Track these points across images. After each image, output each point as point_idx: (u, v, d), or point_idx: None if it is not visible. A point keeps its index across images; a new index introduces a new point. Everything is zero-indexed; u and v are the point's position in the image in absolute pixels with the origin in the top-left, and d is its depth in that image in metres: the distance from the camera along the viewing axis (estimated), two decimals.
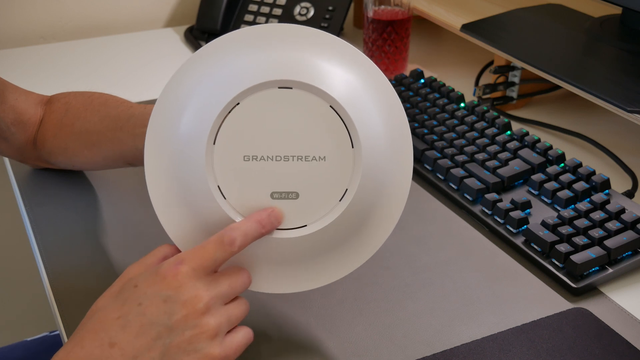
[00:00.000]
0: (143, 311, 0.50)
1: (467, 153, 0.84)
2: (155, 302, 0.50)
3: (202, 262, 0.51)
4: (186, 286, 0.50)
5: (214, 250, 0.52)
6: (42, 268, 0.72)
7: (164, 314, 0.50)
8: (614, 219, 0.72)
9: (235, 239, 0.52)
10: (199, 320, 0.50)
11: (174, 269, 0.51)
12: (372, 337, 0.63)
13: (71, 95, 0.80)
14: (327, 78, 0.54)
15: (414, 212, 0.80)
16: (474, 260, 0.73)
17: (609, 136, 0.94)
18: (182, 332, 0.50)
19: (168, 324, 0.50)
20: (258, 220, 0.53)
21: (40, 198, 0.83)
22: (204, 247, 0.52)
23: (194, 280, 0.51)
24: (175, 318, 0.50)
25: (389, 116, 0.57)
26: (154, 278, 0.51)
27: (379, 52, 1.09)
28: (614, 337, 0.62)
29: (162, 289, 0.50)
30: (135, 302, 0.50)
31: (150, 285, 0.51)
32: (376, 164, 0.56)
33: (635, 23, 0.96)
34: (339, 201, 0.55)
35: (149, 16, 1.36)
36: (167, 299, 0.50)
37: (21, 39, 1.28)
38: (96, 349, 0.49)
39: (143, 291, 0.51)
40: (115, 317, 0.50)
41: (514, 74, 1.02)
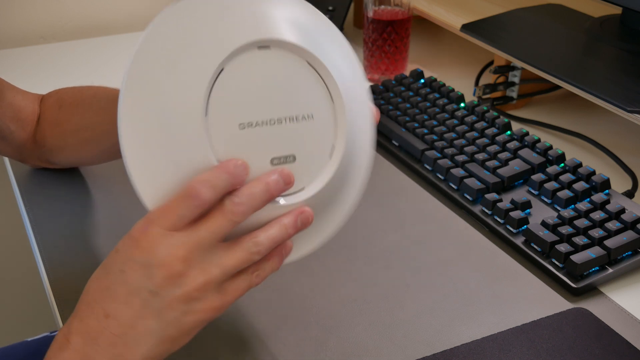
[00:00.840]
0: (125, 279, 0.48)
1: (467, 153, 0.84)
2: (134, 267, 0.48)
3: (170, 219, 0.48)
4: (158, 247, 0.48)
5: (179, 204, 0.48)
6: (42, 268, 0.72)
7: (145, 279, 0.48)
8: (614, 219, 0.72)
9: (200, 190, 0.47)
10: (184, 278, 0.48)
11: (144, 232, 0.48)
12: (372, 337, 0.63)
13: (62, 91, 0.80)
14: (300, 34, 0.52)
15: (414, 212, 0.80)
16: (474, 260, 0.73)
17: (609, 136, 0.94)
18: (170, 293, 0.48)
19: (151, 288, 0.48)
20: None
21: (40, 198, 0.83)
22: (170, 203, 0.48)
23: (166, 239, 0.48)
24: (156, 281, 0.47)
25: (353, 65, 0.57)
26: (129, 241, 0.49)
27: (379, 52, 1.09)
28: (614, 337, 0.62)
29: (137, 255, 0.48)
30: (117, 270, 0.49)
31: (127, 250, 0.48)
32: (354, 116, 0.54)
33: (635, 23, 0.96)
34: (330, 159, 0.53)
35: (149, 16, 1.36)
36: (144, 263, 0.48)
37: (21, 39, 1.28)
38: (93, 321, 0.49)
39: (122, 257, 0.49)
40: (104, 286, 0.49)
41: (514, 74, 1.02)
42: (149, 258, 0.48)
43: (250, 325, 0.65)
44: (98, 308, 0.49)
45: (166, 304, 0.48)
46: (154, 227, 0.48)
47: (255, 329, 0.64)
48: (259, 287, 0.69)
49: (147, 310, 0.48)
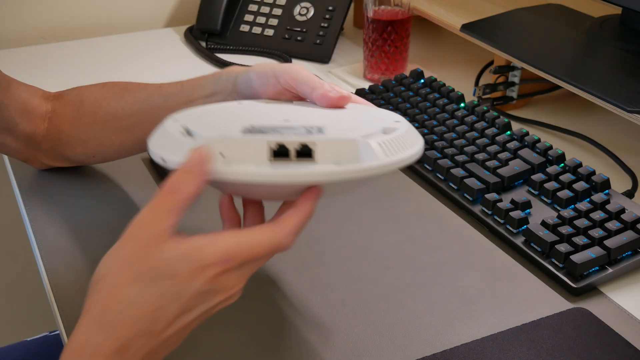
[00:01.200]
0: (182, 303, 0.49)
1: (467, 153, 0.84)
2: (195, 294, 0.49)
3: (248, 260, 0.50)
4: (228, 279, 0.50)
5: (266, 253, 0.51)
6: (42, 268, 0.72)
7: (203, 301, 0.50)
8: (614, 219, 0.72)
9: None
10: (232, 298, 0.52)
11: (221, 266, 0.49)
12: (372, 337, 0.63)
13: (82, 88, 0.81)
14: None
15: (414, 212, 0.80)
16: (474, 260, 0.73)
17: (609, 136, 0.94)
18: (215, 307, 0.51)
19: (205, 309, 0.50)
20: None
21: (40, 198, 0.83)
22: (254, 248, 0.50)
23: (236, 271, 0.50)
24: (213, 303, 0.50)
25: None
26: (198, 272, 0.48)
27: (379, 52, 1.09)
28: (614, 337, 0.62)
29: (204, 284, 0.49)
30: (173, 295, 0.48)
31: (192, 279, 0.48)
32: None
33: (635, 23, 0.96)
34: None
35: (149, 16, 1.36)
36: (209, 290, 0.49)
37: (21, 39, 1.28)
38: (131, 340, 0.48)
39: (183, 285, 0.48)
40: (151, 310, 0.48)
41: (514, 74, 1.02)
42: (215, 287, 0.50)
43: (250, 325, 0.65)
44: (142, 327, 0.48)
45: (208, 314, 0.51)
46: (231, 263, 0.49)
47: (255, 329, 0.64)
48: (259, 287, 0.69)
49: (192, 324, 0.51)
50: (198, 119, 0.59)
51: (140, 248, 0.49)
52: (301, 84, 0.65)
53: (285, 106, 0.65)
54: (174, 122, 0.58)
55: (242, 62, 1.17)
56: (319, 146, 0.52)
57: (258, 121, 0.58)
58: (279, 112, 0.62)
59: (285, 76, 0.65)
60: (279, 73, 0.66)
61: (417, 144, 0.57)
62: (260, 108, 0.64)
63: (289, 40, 1.21)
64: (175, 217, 0.49)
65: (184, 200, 0.49)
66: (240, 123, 0.57)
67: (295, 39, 1.21)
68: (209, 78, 0.72)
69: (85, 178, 0.86)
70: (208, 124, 0.58)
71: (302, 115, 0.61)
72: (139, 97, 0.75)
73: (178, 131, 0.55)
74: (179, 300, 0.48)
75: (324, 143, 0.52)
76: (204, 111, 0.63)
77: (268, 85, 0.67)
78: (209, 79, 0.72)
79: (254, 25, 1.24)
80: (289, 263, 0.72)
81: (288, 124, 0.58)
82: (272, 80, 0.66)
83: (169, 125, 0.57)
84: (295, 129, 0.56)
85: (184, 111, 0.62)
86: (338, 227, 0.77)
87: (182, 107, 0.70)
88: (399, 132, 0.56)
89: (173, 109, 0.71)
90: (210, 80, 0.72)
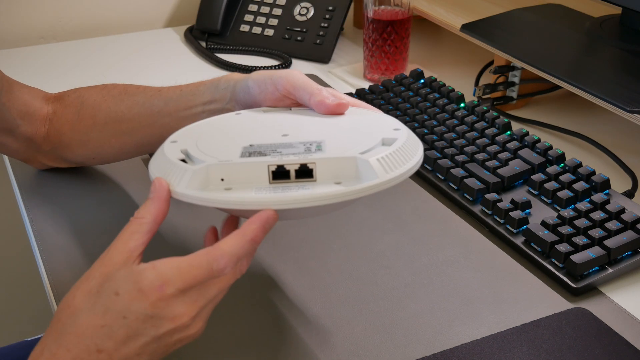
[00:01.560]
0: (129, 324, 0.50)
1: (467, 153, 0.84)
2: (140, 318, 0.50)
3: (186, 285, 0.50)
4: (172, 306, 0.50)
5: (201, 276, 0.50)
6: (42, 268, 0.72)
7: (151, 327, 0.50)
8: (614, 219, 0.72)
9: (224, 268, 0.51)
10: (188, 328, 0.52)
11: (158, 290, 0.50)
12: (372, 337, 0.63)
13: (81, 89, 0.81)
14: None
15: (414, 212, 0.80)
16: (474, 260, 0.73)
17: (609, 136, 0.94)
18: (171, 337, 0.51)
19: (155, 335, 0.50)
20: (252, 239, 0.51)
21: (40, 198, 0.83)
22: (190, 271, 0.50)
23: (181, 297, 0.50)
24: (162, 331, 0.50)
25: None
26: (136, 294, 0.50)
27: (379, 52, 1.09)
28: (614, 337, 0.62)
29: (146, 308, 0.50)
30: (119, 315, 0.50)
31: (132, 301, 0.50)
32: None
33: (635, 23, 0.96)
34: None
35: (149, 16, 1.36)
36: (153, 316, 0.50)
37: (21, 39, 1.28)
38: (83, 353, 0.49)
39: (125, 304, 0.50)
40: (99, 325, 0.50)
41: (514, 74, 1.02)
42: (159, 313, 0.50)
43: (250, 325, 0.65)
44: (90, 343, 0.50)
45: (165, 344, 0.51)
46: (168, 287, 0.50)
47: (256, 329, 0.64)
48: (259, 287, 0.69)
49: (145, 349, 0.51)
50: (197, 140, 0.59)
51: (100, 266, 0.52)
52: (299, 90, 0.64)
53: (283, 117, 0.65)
54: (174, 145, 0.59)
55: (242, 62, 1.17)
56: (318, 165, 0.53)
57: (257, 139, 0.58)
58: (277, 126, 0.62)
59: (282, 82, 0.65)
60: (277, 80, 0.66)
61: (416, 154, 0.57)
62: (258, 121, 0.64)
63: (289, 40, 1.21)
64: (138, 240, 0.52)
65: (147, 224, 0.52)
66: (239, 143, 0.57)
67: (295, 39, 1.21)
68: (207, 85, 0.72)
69: (85, 178, 0.86)
70: (207, 146, 0.58)
71: (301, 129, 0.61)
72: (139, 101, 0.75)
73: (177, 157, 0.56)
74: (124, 320, 0.50)
75: (322, 162, 0.53)
76: (202, 130, 0.63)
77: (267, 92, 0.67)
78: (208, 85, 0.72)
79: (254, 25, 1.24)
80: (289, 263, 0.72)
81: (287, 140, 0.58)
82: (271, 87, 0.66)
83: (168, 149, 0.58)
84: (294, 147, 0.56)
85: (183, 130, 0.63)
86: (338, 227, 0.77)
87: (181, 112, 0.72)
88: (398, 143, 0.56)
89: (172, 114, 0.72)
90: (209, 87, 0.72)
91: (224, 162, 0.54)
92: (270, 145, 0.57)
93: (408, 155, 0.56)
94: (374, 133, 0.58)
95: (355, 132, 0.60)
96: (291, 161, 0.53)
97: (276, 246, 0.74)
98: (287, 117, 0.65)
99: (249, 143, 0.57)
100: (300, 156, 0.54)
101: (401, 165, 0.54)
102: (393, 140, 0.57)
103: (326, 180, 0.53)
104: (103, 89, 0.79)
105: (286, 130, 0.60)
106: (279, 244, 0.75)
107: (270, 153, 0.55)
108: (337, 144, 0.56)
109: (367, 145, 0.55)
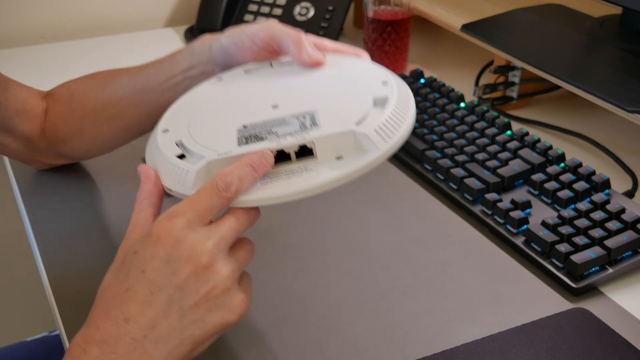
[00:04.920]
0: (148, 277, 0.47)
1: (467, 153, 0.84)
2: (157, 265, 0.47)
3: (196, 212, 0.49)
4: (185, 241, 0.48)
5: (208, 198, 0.49)
6: (42, 268, 0.72)
7: (170, 275, 0.47)
8: (614, 219, 0.72)
9: (230, 184, 0.49)
10: (210, 273, 0.48)
11: (167, 225, 0.48)
12: (372, 337, 0.63)
13: (70, 82, 0.81)
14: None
15: (414, 212, 0.80)
16: (474, 260, 0.73)
17: (609, 136, 0.94)
18: (196, 290, 0.48)
19: (177, 284, 0.47)
20: (250, 164, 0.51)
21: (40, 198, 0.83)
22: (196, 196, 0.49)
23: (192, 232, 0.48)
24: (182, 277, 0.47)
25: None
26: (149, 239, 0.48)
27: (379, 52, 1.09)
28: (614, 337, 0.62)
29: (160, 250, 0.48)
30: (138, 270, 0.48)
31: (147, 248, 0.48)
32: None
33: (635, 23, 0.96)
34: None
35: (149, 16, 1.36)
36: (168, 258, 0.47)
37: (21, 39, 1.28)
38: (112, 327, 0.47)
39: (142, 256, 0.48)
40: (123, 290, 0.48)
41: (514, 74, 1.02)
42: (174, 253, 0.48)
43: (250, 325, 0.65)
44: (117, 313, 0.48)
45: (192, 301, 0.48)
46: (178, 219, 0.48)
47: (255, 329, 0.64)
48: (259, 287, 0.69)
49: (171, 308, 0.47)
50: (189, 126, 0.59)
51: (121, 248, 0.52)
52: (280, 40, 0.64)
53: (268, 81, 0.63)
54: (167, 136, 0.58)
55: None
56: (317, 144, 0.53)
57: (248, 118, 0.58)
58: (265, 95, 0.61)
59: (260, 35, 0.64)
60: (253, 34, 0.65)
61: (409, 110, 0.57)
62: (243, 90, 0.63)
63: None
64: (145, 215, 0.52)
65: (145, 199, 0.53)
66: (232, 125, 0.57)
67: None
68: (183, 52, 0.72)
69: (85, 178, 0.86)
70: (201, 133, 0.58)
71: (290, 97, 0.60)
72: (122, 82, 0.75)
73: (174, 153, 0.56)
74: (143, 274, 0.48)
75: (321, 140, 0.53)
76: (190, 110, 0.62)
77: (244, 48, 0.66)
78: (184, 52, 0.72)
79: None
80: (289, 263, 0.72)
81: (278, 113, 0.57)
82: (247, 42, 0.65)
83: (163, 142, 0.58)
84: (288, 124, 0.56)
85: (171, 113, 0.62)
86: (338, 227, 0.77)
87: (163, 85, 0.71)
88: (390, 103, 0.56)
89: (155, 88, 0.72)
90: (185, 54, 0.71)
91: (223, 156, 0.53)
92: (264, 123, 0.56)
93: (402, 113, 0.56)
94: (364, 91, 0.58)
95: (345, 94, 0.59)
96: (290, 144, 0.53)
97: (276, 246, 0.74)
98: (272, 80, 0.64)
99: (242, 124, 0.57)
100: (297, 136, 0.54)
101: (398, 127, 0.54)
102: (384, 99, 0.56)
103: (327, 156, 0.53)
104: (89, 77, 0.79)
105: (275, 99, 0.60)
106: (279, 244, 0.75)
107: (266, 136, 0.55)
108: (330, 113, 0.56)
109: (360, 110, 0.55)
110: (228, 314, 0.49)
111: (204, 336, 0.49)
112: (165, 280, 0.47)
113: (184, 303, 0.48)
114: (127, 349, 0.47)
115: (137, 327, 0.47)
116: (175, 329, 0.48)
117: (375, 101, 0.56)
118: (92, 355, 0.47)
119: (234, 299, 0.49)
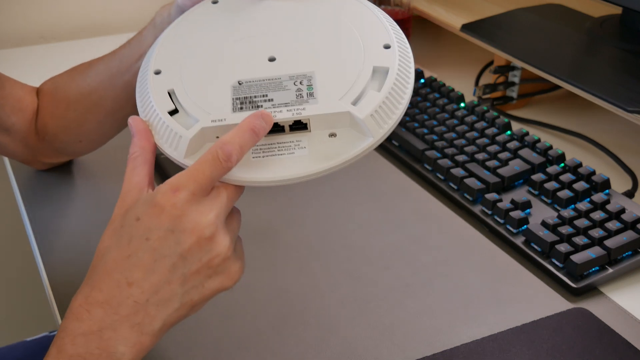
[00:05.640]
0: (152, 246, 0.49)
1: (467, 153, 0.84)
2: (161, 234, 0.49)
3: (199, 185, 0.49)
4: (189, 213, 0.49)
5: (210, 170, 0.50)
6: (42, 268, 0.72)
7: (174, 244, 0.49)
8: (614, 219, 0.72)
9: (231, 154, 0.50)
10: (212, 244, 0.49)
11: (171, 198, 0.49)
12: (372, 337, 0.63)
13: (55, 77, 0.82)
14: None
15: (414, 212, 0.80)
16: (474, 260, 0.73)
17: (609, 136, 0.94)
18: (199, 259, 0.49)
19: (181, 253, 0.49)
20: (251, 128, 0.51)
21: (40, 198, 0.83)
22: (198, 168, 0.50)
23: (195, 204, 0.49)
24: (186, 246, 0.49)
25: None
26: (153, 210, 0.49)
27: None
28: (614, 337, 0.62)
29: (164, 221, 0.49)
30: (142, 238, 0.49)
31: (152, 218, 0.49)
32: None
33: (635, 23, 0.96)
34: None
35: (149, 16, 1.36)
36: (173, 229, 0.49)
37: (21, 39, 1.28)
38: (114, 290, 0.49)
39: (146, 225, 0.49)
40: (125, 255, 0.49)
41: (514, 74, 1.02)
42: (178, 224, 0.49)
43: (250, 325, 0.65)
44: (120, 277, 0.49)
45: (194, 268, 0.49)
46: (182, 192, 0.49)
47: (255, 329, 0.64)
48: (259, 288, 0.69)
49: (174, 275, 0.49)
50: (181, 72, 0.58)
51: (119, 208, 0.53)
52: None
53: (262, 19, 0.62)
54: (158, 79, 0.57)
55: None
56: (313, 120, 0.54)
57: (244, 72, 0.57)
58: (261, 41, 0.59)
59: None
60: None
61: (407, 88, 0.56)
62: (238, 28, 0.61)
63: None
64: (140, 172, 0.52)
65: (140, 156, 0.53)
66: (227, 79, 0.56)
67: None
68: (148, 27, 0.72)
69: (85, 178, 0.86)
70: (194, 85, 0.57)
71: (286, 48, 0.59)
72: (100, 69, 0.76)
73: (167, 109, 0.55)
74: (147, 242, 0.49)
75: (317, 117, 0.54)
76: (184, 48, 0.60)
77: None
78: (148, 28, 0.72)
79: None
80: (289, 263, 0.72)
81: (275, 71, 0.57)
82: None
83: (153, 86, 0.57)
84: (284, 89, 0.55)
85: (160, 49, 0.60)
86: (338, 227, 0.77)
87: (134, 65, 0.72)
88: (389, 79, 0.55)
89: (129, 69, 0.72)
90: (149, 29, 0.72)
91: (218, 123, 0.53)
92: (259, 84, 0.56)
93: (400, 92, 0.55)
94: (364, 57, 0.57)
95: (345, 54, 0.58)
96: (285, 118, 0.53)
97: (276, 246, 0.74)
98: (266, 22, 0.62)
99: (236, 79, 0.56)
100: (293, 110, 0.54)
101: (394, 109, 0.54)
102: (385, 71, 0.56)
103: (321, 132, 0.54)
104: (72, 70, 0.80)
105: (271, 50, 0.58)
106: (279, 244, 0.75)
107: (262, 103, 0.55)
108: (327, 80, 0.56)
109: (358, 84, 0.55)
110: (226, 280, 0.51)
111: (201, 300, 0.51)
112: (170, 249, 0.49)
113: (187, 270, 0.49)
114: (130, 311, 0.49)
115: (140, 291, 0.49)
116: (177, 293, 0.50)
117: (375, 69, 0.56)
118: (96, 316, 0.49)
119: (232, 267, 0.51)
